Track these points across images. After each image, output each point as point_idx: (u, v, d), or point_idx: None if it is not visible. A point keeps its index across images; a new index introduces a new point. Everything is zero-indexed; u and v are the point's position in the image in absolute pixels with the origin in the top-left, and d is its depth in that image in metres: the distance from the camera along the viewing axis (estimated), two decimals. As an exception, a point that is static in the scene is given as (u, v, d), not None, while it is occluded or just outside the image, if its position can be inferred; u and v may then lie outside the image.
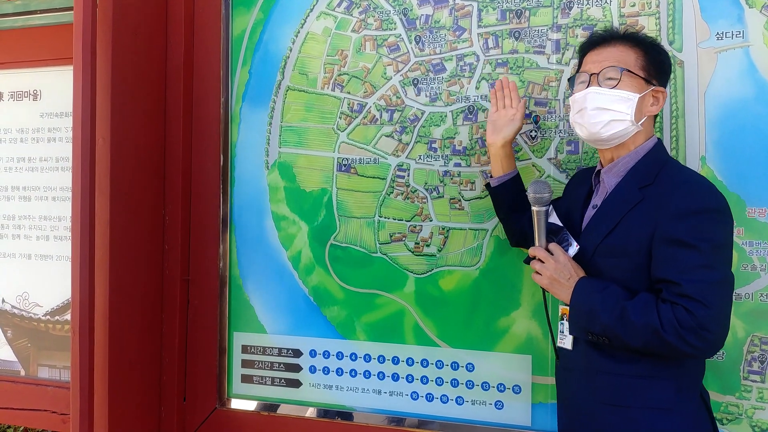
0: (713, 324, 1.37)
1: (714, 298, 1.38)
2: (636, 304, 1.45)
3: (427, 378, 2.19)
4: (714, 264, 1.39)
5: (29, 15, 2.72)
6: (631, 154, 1.60)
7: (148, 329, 2.37)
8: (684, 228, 1.41)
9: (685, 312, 1.38)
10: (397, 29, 2.23)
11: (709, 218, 1.42)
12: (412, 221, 2.20)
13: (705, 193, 1.45)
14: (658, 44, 1.65)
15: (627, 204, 1.53)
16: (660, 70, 1.61)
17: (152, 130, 2.38)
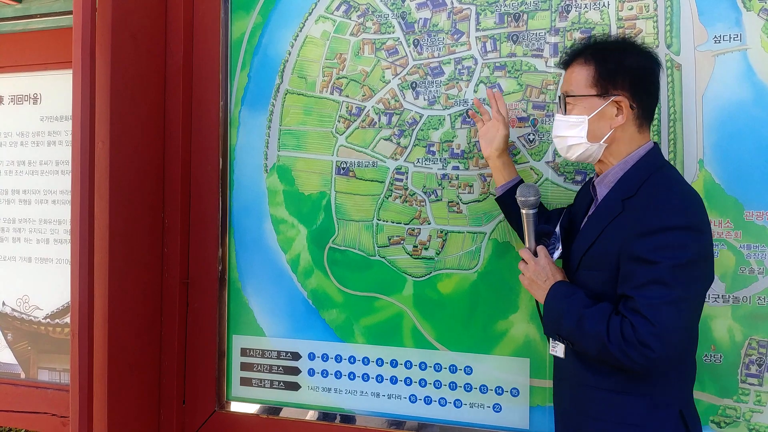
0: (655, 342, 1.36)
1: (662, 316, 1.35)
2: (593, 313, 1.47)
3: (425, 381, 2.19)
4: (671, 282, 1.36)
5: (29, 19, 2.73)
6: (620, 164, 1.57)
7: (147, 332, 2.37)
8: (646, 245, 1.40)
9: (630, 327, 1.38)
10: (396, 33, 2.23)
11: (674, 236, 1.38)
12: (411, 224, 2.21)
13: (672, 210, 1.41)
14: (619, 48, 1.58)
15: (609, 216, 1.52)
16: (617, 77, 1.55)
17: (151, 133, 2.39)
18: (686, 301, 1.38)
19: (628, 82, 1.54)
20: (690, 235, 1.38)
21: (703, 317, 1.86)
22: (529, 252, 1.69)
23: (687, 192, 1.48)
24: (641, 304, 1.38)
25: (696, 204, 1.45)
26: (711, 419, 1.89)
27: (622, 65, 1.55)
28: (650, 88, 1.57)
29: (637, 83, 1.55)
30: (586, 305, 1.50)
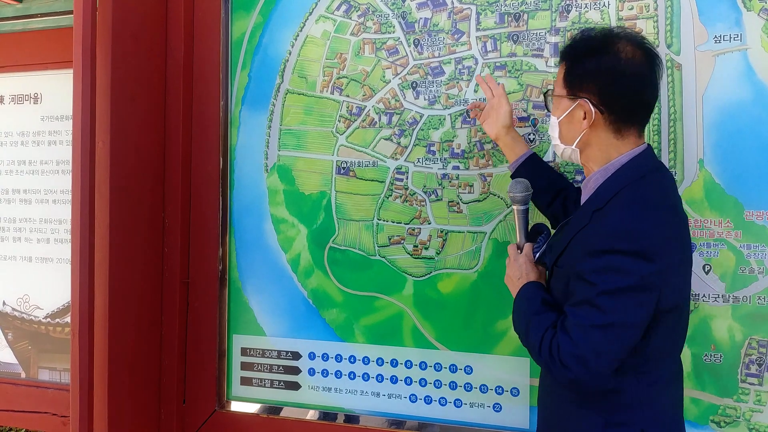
0: (574, 363, 1.33)
1: (585, 338, 1.33)
2: (537, 322, 1.46)
3: (425, 380, 2.19)
4: (604, 307, 1.32)
5: (29, 18, 2.73)
6: (602, 170, 1.48)
7: (147, 331, 2.37)
8: (589, 265, 1.36)
9: (557, 343, 1.37)
10: (396, 32, 2.23)
11: (617, 260, 1.32)
12: (411, 224, 2.21)
13: (622, 233, 1.34)
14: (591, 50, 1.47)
15: (578, 226, 1.46)
16: (584, 80, 1.47)
17: (152, 133, 2.39)
18: (619, 327, 1.32)
19: (596, 84, 1.45)
20: (633, 261, 1.31)
21: (703, 317, 1.89)
22: (514, 248, 1.68)
23: (648, 214, 1.37)
24: (570, 323, 1.36)
25: (652, 228, 1.34)
26: (711, 419, 1.89)
27: (590, 67, 1.45)
28: (624, 91, 1.44)
29: (605, 86, 1.44)
30: (536, 312, 1.48)
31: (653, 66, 1.46)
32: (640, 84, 1.44)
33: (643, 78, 1.44)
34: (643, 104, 1.47)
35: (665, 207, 1.41)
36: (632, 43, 1.45)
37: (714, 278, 1.89)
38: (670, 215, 1.41)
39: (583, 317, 1.34)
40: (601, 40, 1.46)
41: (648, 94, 1.46)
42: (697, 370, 1.91)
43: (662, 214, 1.39)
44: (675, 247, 1.38)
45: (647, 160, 1.47)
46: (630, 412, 1.41)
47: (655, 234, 1.34)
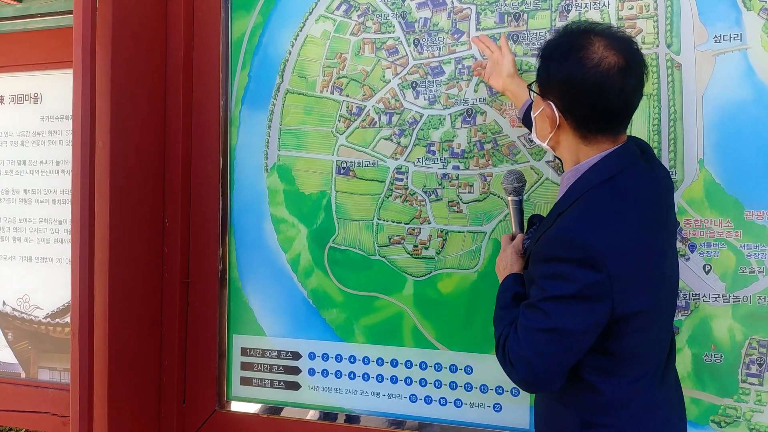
0: (518, 362, 1.37)
1: (529, 340, 1.35)
2: (502, 316, 1.50)
3: (425, 380, 2.19)
4: (549, 311, 1.33)
5: (29, 18, 2.73)
6: (572, 171, 1.46)
7: (147, 331, 2.37)
8: (541, 270, 1.38)
9: (508, 341, 1.41)
10: (396, 32, 2.23)
11: (564, 268, 1.32)
12: (411, 224, 2.21)
13: (569, 242, 1.33)
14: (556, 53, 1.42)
15: (545, 226, 1.46)
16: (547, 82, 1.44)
17: (152, 133, 2.39)
18: (561, 333, 1.32)
19: (558, 90, 1.42)
20: (581, 270, 1.30)
21: (703, 317, 1.89)
22: (507, 238, 1.71)
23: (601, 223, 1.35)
24: (520, 324, 1.39)
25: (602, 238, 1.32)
26: (711, 419, 1.89)
27: (553, 72, 1.42)
28: (585, 100, 1.38)
29: (565, 94, 1.41)
30: (503, 306, 1.53)
31: (628, 72, 1.36)
32: (603, 94, 1.36)
33: (607, 87, 1.35)
34: (607, 114, 1.39)
35: (622, 213, 1.37)
36: (610, 46, 1.36)
37: (714, 278, 1.89)
38: (628, 222, 1.37)
39: (531, 320, 1.36)
40: (570, 44, 1.40)
41: (615, 102, 1.37)
42: (697, 370, 1.91)
43: (617, 223, 1.35)
44: (627, 254, 1.34)
45: (616, 160, 1.42)
46: (607, 412, 1.40)
47: (603, 244, 1.31)
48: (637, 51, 1.39)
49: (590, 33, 1.39)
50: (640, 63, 1.38)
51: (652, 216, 1.43)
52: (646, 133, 1.95)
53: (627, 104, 1.40)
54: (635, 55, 1.38)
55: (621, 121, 1.43)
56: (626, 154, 1.43)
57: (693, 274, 1.91)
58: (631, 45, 1.40)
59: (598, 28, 1.41)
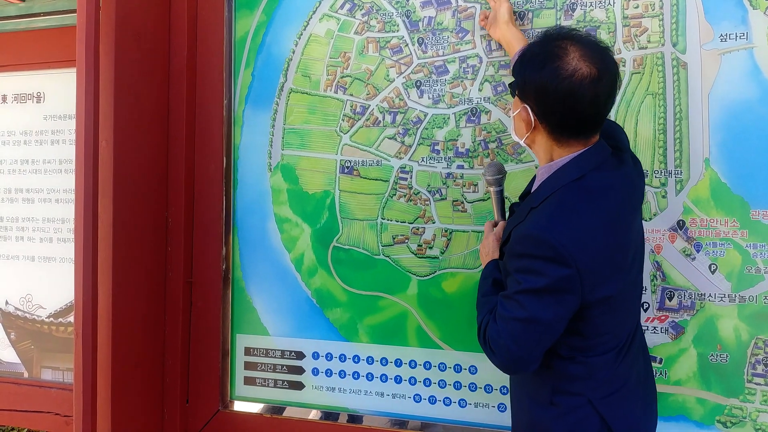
0: (498, 348, 1.48)
1: (508, 329, 1.46)
2: (483, 303, 1.60)
3: (429, 380, 2.19)
4: (524, 303, 1.43)
5: (33, 17, 2.72)
6: (546, 167, 1.55)
7: (151, 331, 2.37)
8: (516, 264, 1.48)
9: (488, 329, 1.51)
10: (400, 31, 2.23)
11: (537, 264, 1.42)
12: (415, 223, 2.20)
13: (539, 240, 1.42)
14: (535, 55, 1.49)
15: (518, 220, 1.56)
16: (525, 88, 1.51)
17: (155, 132, 2.39)
18: (535, 322, 1.43)
19: (534, 97, 1.49)
20: (549, 265, 1.41)
21: (709, 316, 1.89)
22: (490, 226, 1.80)
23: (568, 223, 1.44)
24: (499, 313, 1.49)
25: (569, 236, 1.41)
26: (717, 419, 1.89)
27: (529, 79, 1.48)
28: (558, 108, 1.46)
29: (540, 101, 1.48)
30: (484, 293, 1.62)
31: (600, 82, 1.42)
32: (576, 102, 1.43)
33: (580, 96, 1.42)
34: (579, 121, 1.47)
35: (590, 212, 1.46)
36: (584, 57, 1.43)
37: (720, 278, 1.89)
38: (595, 220, 1.46)
39: (507, 310, 1.47)
40: (547, 53, 1.46)
41: (586, 110, 1.45)
42: (703, 370, 1.90)
43: (585, 221, 1.45)
44: (595, 250, 1.43)
45: (587, 161, 1.50)
46: (576, 382, 1.53)
47: (572, 241, 1.40)
48: (610, 61, 1.46)
49: (567, 42, 1.46)
50: (612, 73, 1.46)
51: (619, 212, 1.52)
52: (651, 132, 1.94)
53: (598, 112, 1.47)
54: (608, 65, 1.45)
55: (592, 126, 1.50)
56: (596, 155, 1.52)
57: (699, 274, 1.91)
58: (605, 55, 1.46)
59: (576, 37, 1.48)
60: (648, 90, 1.96)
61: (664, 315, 1.94)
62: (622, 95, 1.98)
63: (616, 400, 1.55)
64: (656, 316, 1.94)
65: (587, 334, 1.50)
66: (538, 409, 1.57)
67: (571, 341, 1.50)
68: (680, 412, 1.93)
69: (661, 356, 1.94)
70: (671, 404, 1.93)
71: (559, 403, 1.53)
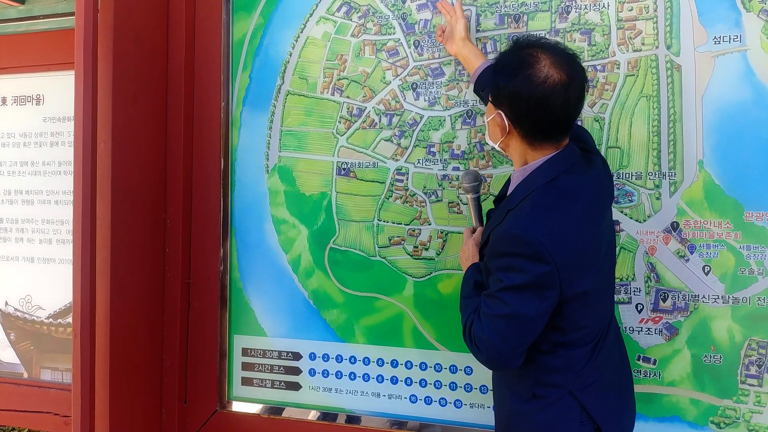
0: (482, 345, 1.52)
1: (492, 326, 1.50)
2: (467, 305, 1.65)
3: (425, 381, 2.20)
4: (506, 300, 1.48)
5: (32, 20, 2.74)
6: (521, 170, 1.61)
7: (149, 332, 2.38)
8: (497, 263, 1.52)
9: (473, 327, 1.56)
10: (396, 34, 2.24)
11: (517, 261, 1.47)
12: (411, 225, 2.21)
13: (518, 239, 1.47)
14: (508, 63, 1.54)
15: (495, 222, 1.61)
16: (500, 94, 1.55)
17: (153, 134, 2.40)
18: (518, 318, 1.48)
19: (507, 103, 1.54)
20: (529, 263, 1.46)
21: (702, 318, 1.89)
22: (468, 232, 1.84)
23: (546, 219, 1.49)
24: (483, 312, 1.54)
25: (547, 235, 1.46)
26: (711, 420, 1.90)
27: (503, 86, 1.53)
28: (532, 113, 1.51)
29: (514, 107, 1.53)
30: (467, 296, 1.67)
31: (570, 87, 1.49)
32: (548, 107, 1.49)
33: (551, 102, 1.48)
34: (551, 125, 1.53)
35: (564, 211, 1.52)
36: (554, 64, 1.49)
37: (714, 279, 1.89)
38: (569, 218, 1.52)
39: (491, 307, 1.51)
40: (519, 61, 1.52)
41: (558, 115, 1.51)
42: (696, 371, 1.91)
43: (560, 220, 1.50)
44: (570, 246, 1.49)
45: (559, 163, 1.56)
46: (557, 375, 1.58)
47: (549, 239, 1.46)
48: (578, 67, 1.53)
49: (537, 50, 1.52)
50: (580, 78, 1.53)
51: (590, 210, 1.59)
52: (645, 134, 1.95)
53: (568, 116, 1.54)
54: (577, 71, 1.52)
55: (563, 130, 1.57)
56: (568, 157, 1.58)
57: (692, 275, 1.91)
58: (573, 62, 1.53)
59: (546, 45, 1.54)
60: (642, 92, 1.97)
61: (658, 316, 1.95)
62: (617, 97, 1.99)
63: (595, 389, 1.60)
64: (650, 317, 1.95)
65: (566, 329, 1.55)
66: (520, 403, 1.62)
67: (552, 336, 1.55)
68: (674, 412, 1.93)
69: (655, 357, 1.95)
70: (665, 405, 1.93)
71: (541, 395, 1.58)
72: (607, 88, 2.00)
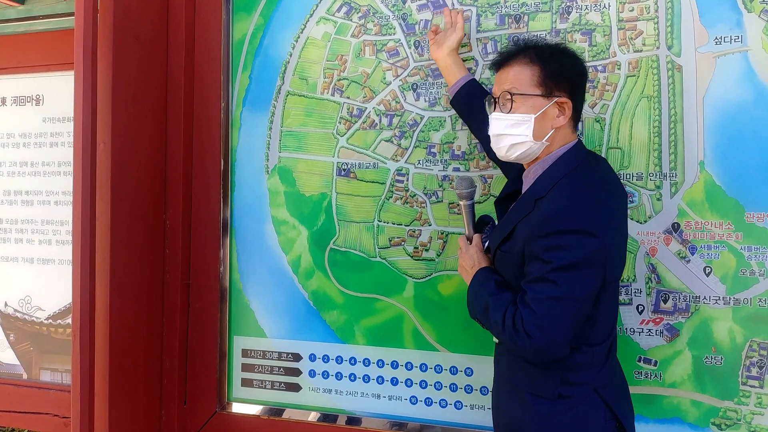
0: (537, 333, 1.46)
1: (545, 309, 1.46)
2: (495, 302, 1.58)
3: (426, 382, 2.19)
4: (558, 281, 1.45)
5: (32, 20, 2.74)
6: (540, 163, 1.63)
7: (148, 333, 2.38)
8: (542, 245, 1.49)
9: (520, 317, 1.50)
10: (397, 34, 2.24)
11: (565, 239, 1.46)
12: (411, 226, 2.21)
13: (566, 216, 1.48)
14: (560, 51, 1.64)
15: (522, 213, 1.59)
16: (562, 79, 1.60)
17: (153, 134, 2.40)
18: (570, 300, 1.46)
19: (569, 84, 1.60)
20: (579, 238, 1.46)
21: (703, 319, 1.89)
22: (464, 240, 1.80)
23: (588, 196, 1.52)
24: (530, 298, 1.49)
25: (592, 210, 1.50)
26: (712, 421, 1.89)
27: (565, 68, 1.60)
28: (583, 91, 1.66)
29: (575, 86, 1.62)
30: (492, 293, 1.61)
31: None
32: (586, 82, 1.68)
33: None
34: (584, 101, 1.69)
35: (601, 190, 1.57)
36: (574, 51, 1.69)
37: (715, 280, 1.89)
38: (607, 197, 1.57)
39: (540, 291, 1.48)
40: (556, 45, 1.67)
41: None
42: (697, 373, 1.90)
43: (599, 197, 1.54)
44: (612, 225, 1.55)
45: (579, 153, 1.63)
46: (582, 372, 1.56)
47: (595, 215, 1.49)
48: None
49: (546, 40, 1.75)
50: None
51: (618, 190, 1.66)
52: (646, 134, 1.95)
53: None
54: None
55: None
56: (584, 147, 1.67)
57: (693, 276, 1.91)
58: None
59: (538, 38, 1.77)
60: (643, 93, 1.96)
61: (659, 317, 1.94)
62: (618, 98, 1.98)
63: (614, 388, 1.62)
64: (651, 318, 1.95)
65: (595, 319, 1.55)
66: (543, 405, 1.57)
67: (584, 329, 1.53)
68: (675, 414, 1.93)
69: (656, 358, 1.94)
70: (666, 406, 1.93)
71: (567, 395, 1.55)
72: (608, 89, 1.99)
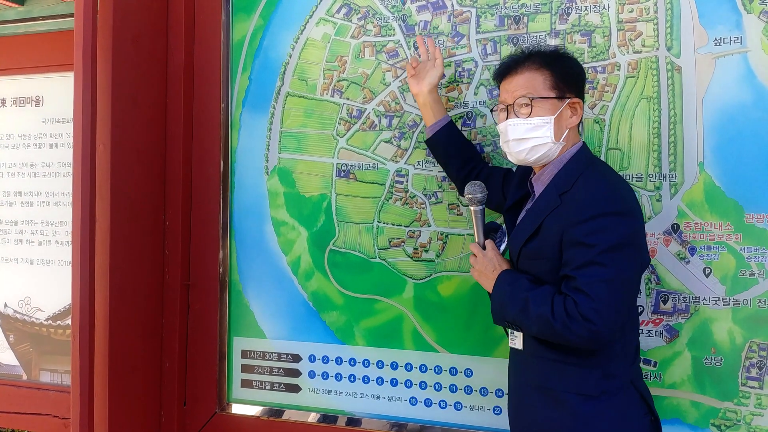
0: (595, 315, 1.46)
1: (600, 292, 1.47)
2: (536, 296, 1.57)
3: (425, 383, 2.19)
4: (606, 262, 1.48)
5: (31, 21, 2.74)
6: (555, 163, 1.68)
7: (148, 334, 2.38)
8: (583, 230, 1.51)
9: (573, 303, 1.49)
10: (396, 35, 2.24)
11: (607, 221, 1.50)
12: (411, 227, 2.21)
13: (604, 199, 1.53)
14: (564, 56, 1.72)
15: (547, 209, 1.62)
16: (570, 81, 1.67)
17: (153, 135, 2.40)
18: (619, 281, 1.49)
19: (578, 84, 1.70)
20: (621, 219, 1.51)
21: (703, 320, 1.89)
22: (478, 246, 1.78)
23: (617, 182, 1.62)
24: (581, 282, 1.49)
25: (625, 192, 1.60)
26: (711, 422, 1.89)
27: (572, 70, 1.69)
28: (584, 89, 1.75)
29: (581, 87, 1.71)
30: (529, 289, 1.60)
31: None
32: None
33: None
34: None
35: (623, 180, 1.68)
36: None
37: (714, 281, 1.89)
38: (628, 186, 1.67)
39: (590, 275, 1.49)
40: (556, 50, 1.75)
41: None
42: (697, 373, 1.90)
43: (625, 183, 1.66)
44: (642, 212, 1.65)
45: (588, 152, 1.71)
46: (619, 366, 1.58)
47: (629, 197, 1.59)
48: None
49: None
50: None
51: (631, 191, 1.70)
52: (646, 135, 1.95)
53: None
54: None
55: None
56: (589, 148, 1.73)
57: (693, 277, 1.91)
58: None
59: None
60: (642, 94, 1.96)
61: (659, 318, 1.94)
62: (617, 99, 1.98)
63: (642, 380, 1.67)
64: (651, 319, 1.95)
65: (630, 304, 1.60)
66: (586, 404, 1.56)
67: None
68: (675, 415, 1.93)
69: (656, 359, 1.94)
70: (666, 407, 1.93)
71: (608, 390, 1.56)
72: (608, 90, 1.99)
